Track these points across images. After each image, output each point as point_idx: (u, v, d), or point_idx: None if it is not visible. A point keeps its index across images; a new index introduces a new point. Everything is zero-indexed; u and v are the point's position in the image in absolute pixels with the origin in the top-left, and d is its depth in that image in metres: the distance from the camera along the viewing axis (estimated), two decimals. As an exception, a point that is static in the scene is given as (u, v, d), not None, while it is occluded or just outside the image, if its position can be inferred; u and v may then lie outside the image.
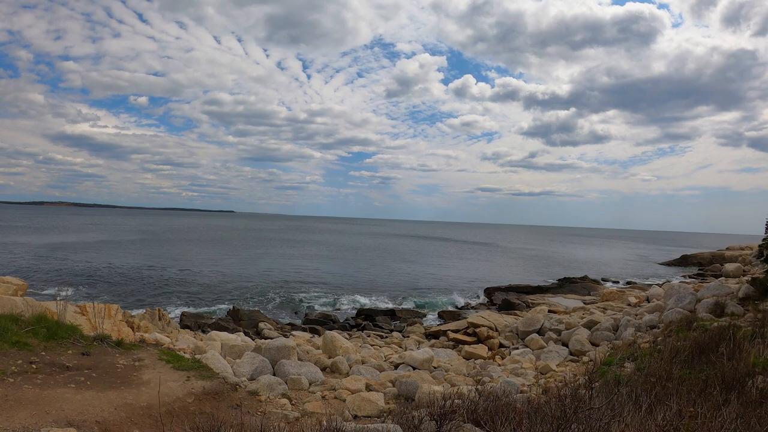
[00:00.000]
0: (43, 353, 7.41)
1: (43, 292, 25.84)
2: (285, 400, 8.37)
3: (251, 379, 9.48)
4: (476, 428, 5.28)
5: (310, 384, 9.95)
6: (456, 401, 6.15)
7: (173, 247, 67.64)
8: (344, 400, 8.90)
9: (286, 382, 9.57)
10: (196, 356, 10.02)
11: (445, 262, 62.55)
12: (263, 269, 47.08)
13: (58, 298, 10.40)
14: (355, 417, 8.16)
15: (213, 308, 28.01)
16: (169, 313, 22.51)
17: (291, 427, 7.03)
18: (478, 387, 10.51)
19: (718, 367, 6.91)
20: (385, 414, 8.03)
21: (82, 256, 49.52)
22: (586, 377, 9.78)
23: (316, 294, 34.25)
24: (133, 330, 14.36)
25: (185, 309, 26.50)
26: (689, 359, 8.29)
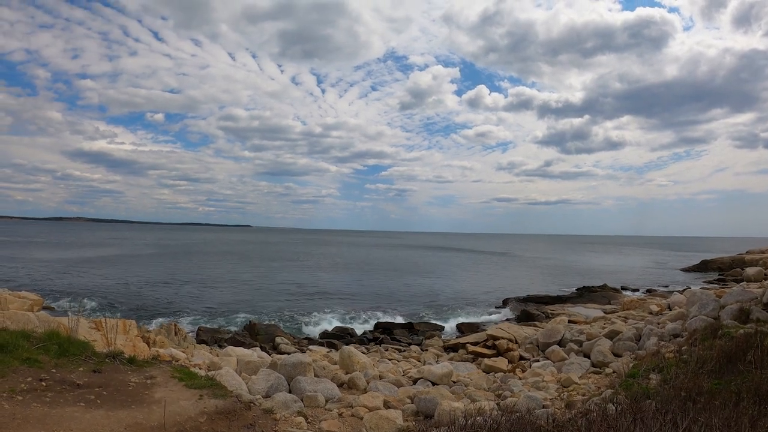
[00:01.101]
0: (54, 370, 7.29)
1: (59, 308, 25.89)
2: (300, 419, 8.17)
3: (266, 396, 9.30)
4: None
5: (326, 401, 9.74)
6: (477, 419, 5.90)
7: (190, 262, 67.97)
8: (361, 418, 8.67)
9: (302, 400, 9.37)
10: (210, 373, 9.87)
11: (463, 274, 62.14)
12: (280, 283, 47.03)
13: (71, 314, 10.33)
14: (373, 435, 7.93)
15: (229, 323, 27.91)
16: (186, 327, 22.43)
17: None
18: (499, 402, 10.25)
19: (749, 377, 6.61)
20: (403, 432, 7.80)
21: (100, 270, 49.88)
22: (611, 390, 9.48)
23: (333, 307, 34.02)
24: (148, 345, 14.27)
25: (202, 323, 26.42)
26: (717, 369, 8.00)
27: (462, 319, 30.62)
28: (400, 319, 30.43)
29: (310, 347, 21.61)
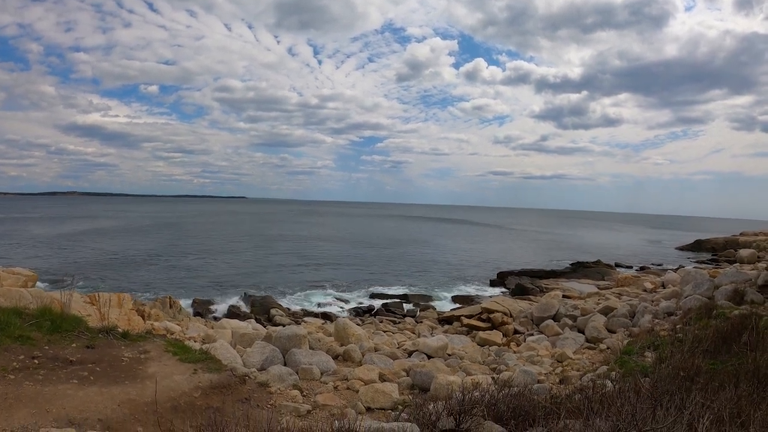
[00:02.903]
0: (46, 347, 7.19)
1: (53, 283, 25.74)
2: (296, 392, 8.14)
3: (261, 369, 9.25)
4: (497, 426, 5.00)
5: (321, 374, 9.72)
6: (474, 394, 5.86)
7: (185, 234, 67.85)
8: (357, 391, 8.66)
9: (297, 372, 9.34)
10: (204, 346, 9.82)
11: (458, 246, 62.28)
12: (275, 254, 47.04)
13: (63, 289, 10.23)
14: (368, 409, 7.92)
15: (225, 295, 27.89)
16: (181, 300, 22.38)
17: (301, 421, 6.80)
18: (495, 376, 10.26)
19: (745, 359, 6.59)
20: (399, 407, 7.78)
21: (95, 244, 49.74)
22: (606, 366, 9.49)
23: (328, 279, 34.06)
24: (143, 319, 14.24)
25: (197, 296, 26.41)
26: (712, 349, 8.00)
27: (457, 292, 30.76)
28: (395, 291, 30.55)
29: (305, 319, 21.65)
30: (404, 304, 26.85)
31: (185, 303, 23.13)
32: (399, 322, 21.85)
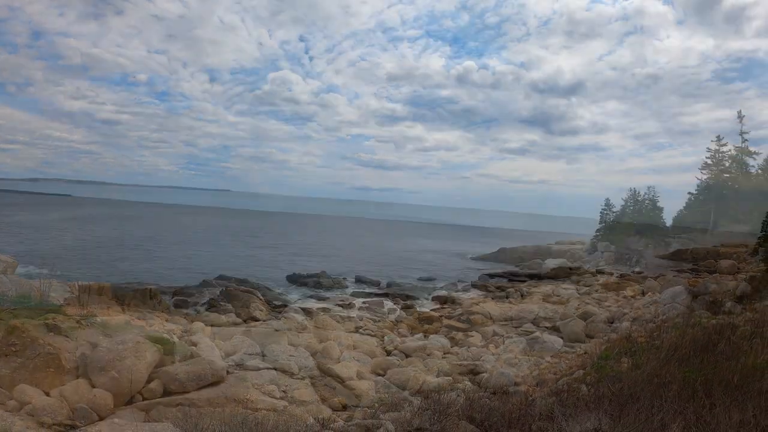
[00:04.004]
0: (24, 335, 7.09)
1: (34, 271, 25.33)
2: (273, 387, 8.13)
3: (239, 363, 9.23)
4: (471, 426, 5.03)
5: (299, 369, 9.70)
6: (450, 394, 5.90)
7: (167, 225, 67.33)
8: (334, 388, 8.68)
9: (275, 368, 9.32)
10: (183, 338, 9.78)
11: (441, 246, 62.35)
12: (258, 248, 46.85)
13: (43, 277, 10.13)
14: (345, 406, 7.93)
15: (206, 288, 27.62)
16: (161, 292, 22.14)
17: (277, 416, 6.79)
18: (472, 377, 10.32)
19: (720, 367, 6.67)
20: (376, 404, 7.79)
21: (77, 233, 49.22)
22: (583, 370, 9.56)
23: (310, 275, 33.87)
24: (123, 309, 14.12)
25: (177, 288, 26.14)
26: (688, 357, 8.07)
27: (438, 292, 30.74)
28: (376, 289, 30.51)
29: (286, 315, 21.51)
30: (385, 303, 26.82)
31: (166, 295, 22.89)
32: (379, 321, 21.80)
